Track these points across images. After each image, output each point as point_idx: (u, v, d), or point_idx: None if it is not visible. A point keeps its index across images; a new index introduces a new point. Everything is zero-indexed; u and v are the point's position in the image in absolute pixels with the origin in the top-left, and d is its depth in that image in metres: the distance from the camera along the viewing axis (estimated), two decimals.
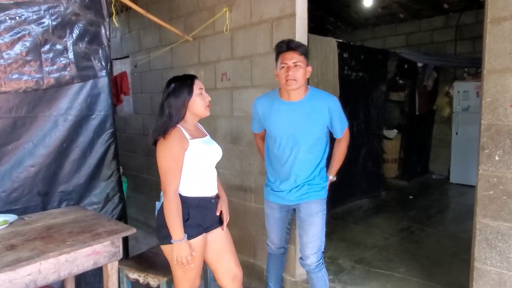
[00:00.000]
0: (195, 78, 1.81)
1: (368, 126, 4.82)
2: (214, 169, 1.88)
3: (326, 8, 6.42)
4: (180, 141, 1.68)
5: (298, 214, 2.11)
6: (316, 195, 2.06)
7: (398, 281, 2.74)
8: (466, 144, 5.46)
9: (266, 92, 2.23)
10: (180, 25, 3.35)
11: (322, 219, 2.08)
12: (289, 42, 1.93)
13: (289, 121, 1.99)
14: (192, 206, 1.75)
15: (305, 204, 2.06)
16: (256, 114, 2.16)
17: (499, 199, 1.77)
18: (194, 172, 1.75)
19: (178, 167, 1.68)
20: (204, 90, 1.81)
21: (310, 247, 2.07)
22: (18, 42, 2.04)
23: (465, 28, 5.83)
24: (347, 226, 3.99)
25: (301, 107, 1.98)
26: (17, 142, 2.09)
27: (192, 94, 1.75)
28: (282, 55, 1.93)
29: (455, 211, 4.61)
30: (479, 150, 1.81)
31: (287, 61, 1.89)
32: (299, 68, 1.89)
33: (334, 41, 4.00)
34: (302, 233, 2.10)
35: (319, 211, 2.06)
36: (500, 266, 1.79)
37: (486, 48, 1.76)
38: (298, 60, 1.89)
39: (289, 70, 1.88)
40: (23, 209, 2.09)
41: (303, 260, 2.12)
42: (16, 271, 1.43)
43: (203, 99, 1.78)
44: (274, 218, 2.20)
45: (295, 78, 1.89)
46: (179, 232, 1.65)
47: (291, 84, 1.90)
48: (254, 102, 2.17)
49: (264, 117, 2.11)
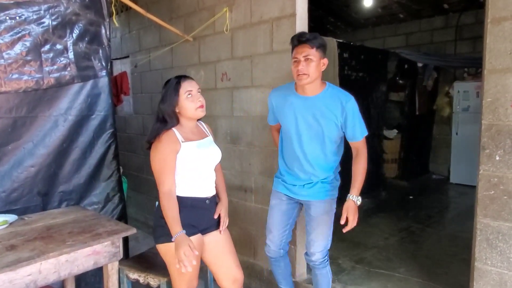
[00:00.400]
0: (183, 80, 1.77)
1: (368, 126, 4.74)
2: (211, 171, 1.87)
3: (326, 8, 6.42)
4: (171, 144, 1.70)
5: (308, 211, 2.06)
6: (328, 195, 2.02)
7: (398, 281, 2.74)
8: (466, 144, 5.46)
9: (283, 85, 2.15)
10: (180, 25, 3.35)
11: (331, 218, 2.05)
12: (300, 35, 1.86)
13: (302, 116, 1.93)
14: (184, 206, 1.74)
15: (316, 203, 2.02)
16: (271, 106, 2.11)
17: (500, 199, 1.77)
18: (187, 173, 1.76)
19: (169, 168, 1.70)
20: (195, 91, 1.77)
21: (317, 245, 2.04)
22: (18, 42, 2.04)
23: (465, 28, 5.83)
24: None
25: (315, 103, 1.91)
26: (17, 142, 2.09)
27: (178, 99, 1.73)
28: (294, 50, 1.87)
29: (455, 211, 4.61)
30: (480, 150, 1.81)
31: (298, 55, 1.83)
32: (311, 62, 1.82)
33: (334, 41, 3.99)
34: (310, 230, 2.06)
35: (329, 210, 2.03)
36: (500, 266, 1.79)
37: (487, 48, 1.76)
38: (309, 54, 1.81)
39: (299, 64, 1.82)
40: (23, 209, 2.09)
41: (309, 256, 2.10)
42: (16, 271, 1.43)
43: (192, 101, 1.75)
44: (280, 210, 2.11)
45: (306, 73, 1.82)
46: (174, 227, 1.64)
47: (302, 79, 1.84)
48: (270, 94, 2.12)
49: (278, 110, 2.05)
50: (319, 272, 2.10)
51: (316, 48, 1.83)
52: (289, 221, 2.14)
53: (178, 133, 1.74)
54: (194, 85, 1.79)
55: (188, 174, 1.76)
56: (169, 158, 1.70)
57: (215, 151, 1.87)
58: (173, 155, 1.70)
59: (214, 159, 1.87)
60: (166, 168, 1.69)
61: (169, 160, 1.70)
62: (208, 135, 1.92)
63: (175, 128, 1.75)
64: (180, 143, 1.72)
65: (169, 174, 1.70)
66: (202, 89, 3.21)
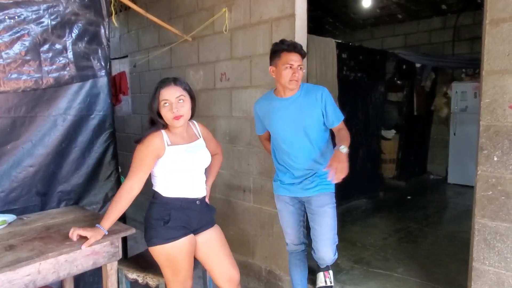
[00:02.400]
0: (162, 87, 1.71)
1: (367, 127, 4.83)
2: (200, 174, 1.86)
3: (325, 9, 6.43)
4: (154, 149, 1.70)
5: (309, 206, 2.12)
6: (326, 188, 2.09)
7: (397, 281, 2.75)
8: (463, 145, 5.48)
9: (263, 94, 2.29)
10: (179, 25, 3.35)
11: (333, 210, 2.11)
12: (295, 44, 1.99)
13: (288, 115, 2.05)
14: (174, 207, 1.75)
15: (316, 197, 2.09)
16: (257, 116, 2.24)
17: (498, 199, 1.78)
18: (175, 175, 1.76)
19: (143, 169, 1.70)
20: (173, 99, 1.69)
21: (325, 239, 2.08)
22: (17, 41, 2.03)
23: (463, 29, 5.85)
24: (346, 226, 3.99)
25: (296, 101, 2.05)
26: (16, 142, 2.08)
27: (158, 106, 1.73)
28: (286, 55, 1.96)
29: (452, 211, 4.63)
30: (478, 150, 1.82)
31: (293, 62, 1.95)
32: (302, 70, 2.00)
33: (333, 41, 4.00)
34: (314, 225, 2.11)
35: (330, 203, 2.09)
36: (498, 266, 1.80)
37: (485, 49, 1.77)
38: (301, 63, 1.98)
39: (296, 72, 1.96)
40: (22, 209, 2.08)
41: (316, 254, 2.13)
42: (15, 271, 1.42)
43: (168, 111, 1.70)
44: (289, 211, 2.20)
45: (299, 80, 1.99)
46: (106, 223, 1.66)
47: (293, 85, 1.99)
48: (254, 105, 2.25)
49: (265, 117, 2.17)
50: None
51: (303, 57, 2.02)
52: (300, 218, 2.23)
53: (166, 136, 1.74)
54: (173, 93, 1.71)
55: (176, 176, 1.76)
56: (147, 160, 1.70)
57: (203, 155, 1.85)
58: (152, 159, 1.71)
59: (202, 163, 1.85)
60: (140, 167, 1.69)
61: (145, 162, 1.70)
62: (199, 137, 1.89)
63: (164, 131, 1.75)
64: (165, 147, 1.71)
65: (139, 173, 1.69)
66: (201, 89, 3.25)
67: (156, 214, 1.76)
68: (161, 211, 1.76)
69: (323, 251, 2.09)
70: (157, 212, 1.76)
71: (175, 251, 1.73)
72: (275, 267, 2.78)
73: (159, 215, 1.75)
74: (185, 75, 3.39)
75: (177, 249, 1.73)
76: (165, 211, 1.75)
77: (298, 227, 2.22)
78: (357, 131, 4.64)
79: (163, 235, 1.72)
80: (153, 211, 1.78)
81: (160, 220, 1.74)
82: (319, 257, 2.14)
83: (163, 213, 1.75)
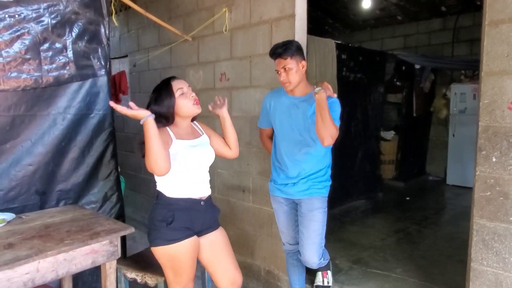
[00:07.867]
0: (172, 80, 1.77)
1: (366, 127, 4.83)
2: (205, 172, 1.85)
3: (325, 10, 6.45)
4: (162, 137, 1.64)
5: (300, 209, 2.15)
6: (318, 192, 2.11)
7: (395, 281, 2.75)
8: (462, 146, 5.49)
9: (276, 88, 2.32)
10: (179, 25, 3.36)
11: (323, 215, 2.12)
12: (274, 50, 2.02)
13: (292, 115, 2.10)
14: (178, 208, 1.73)
15: (307, 200, 2.11)
16: (265, 108, 2.26)
17: (496, 200, 1.78)
18: (180, 174, 1.73)
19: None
20: (186, 88, 1.76)
21: (310, 243, 2.09)
22: (17, 40, 2.03)
23: (463, 30, 5.87)
24: (344, 226, 4.00)
25: (303, 102, 2.08)
26: (15, 140, 2.08)
27: (174, 98, 1.73)
28: (275, 62, 2.06)
29: (451, 212, 4.63)
30: (477, 151, 1.83)
31: (278, 67, 2.04)
32: (290, 70, 2.00)
33: (333, 42, 4.01)
34: (302, 228, 2.13)
35: (320, 207, 2.10)
36: (496, 267, 1.81)
37: (484, 50, 1.77)
38: (286, 64, 2.00)
39: (281, 76, 2.03)
40: (21, 208, 2.08)
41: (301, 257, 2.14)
42: (14, 270, 1.42)
43: (186, 98, 1.75)
44: (284, 212, 2.25)
45: (288, 81, 2.03)
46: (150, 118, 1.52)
47: (287, 86, 2.06)
48: (265, 97, 2.29)
49: (273, 110, 2.20)
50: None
51: (291, 57, 1.99)
52: (295, 218, 2.24)
53: (171, 132, 1.74)
54: (184, 83, 1.79)
55: (180, 175, 1.73)
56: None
57: (207, 152, 1.85)
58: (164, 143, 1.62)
59: (207, 160, 1.85)
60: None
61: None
62: (202, 134, 1.89)
63: (169, 127, 1.75)
64: (172, 139, 1.71)
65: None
66: (201, 89, 3.25)
67: (160, 216, 1.73)
68: (165, 212, 1.73)
69: (307, 254, 2.10)
70: (161, 213, 1.73)
71: (178, 252, 1.71)
72: (274, 267, 2.78)
73: (163, 217, 1.72)
74: (185, 75, 3.39)
75: (180, 251, 1.71)
76: (169, 212, 1.72)
77: (293, 227, 2.24)
78: (356, 132, 4.65)
79: (166, 236, 1.70)
80: (157, 212, 1.75)
81: (163, 221, 1.71)
82: (304, 260, 2.15)
83: (167, 214, 1.72)
